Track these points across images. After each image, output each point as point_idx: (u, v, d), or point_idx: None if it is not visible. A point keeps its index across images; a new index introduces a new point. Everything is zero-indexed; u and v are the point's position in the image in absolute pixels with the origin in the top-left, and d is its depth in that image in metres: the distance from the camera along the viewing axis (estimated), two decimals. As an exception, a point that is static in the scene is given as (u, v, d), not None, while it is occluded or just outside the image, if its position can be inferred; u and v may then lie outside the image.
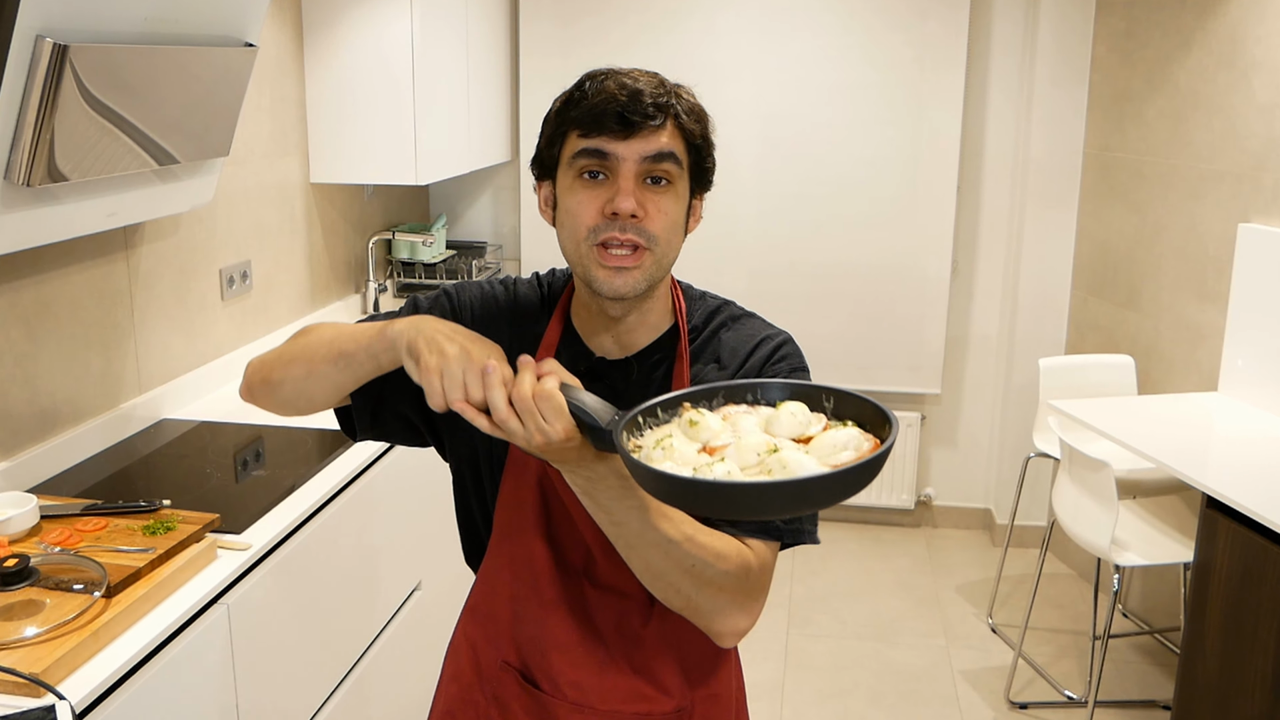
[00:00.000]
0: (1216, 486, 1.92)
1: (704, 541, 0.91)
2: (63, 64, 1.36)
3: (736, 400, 0.87)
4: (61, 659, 1.16)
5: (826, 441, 0.78)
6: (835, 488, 0.73)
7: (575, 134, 0.96)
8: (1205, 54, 2.65)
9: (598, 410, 0.81)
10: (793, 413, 0.82)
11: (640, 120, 0.94)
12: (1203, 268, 2.67)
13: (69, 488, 1.70)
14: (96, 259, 1.88)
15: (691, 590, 0.92)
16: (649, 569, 0.91)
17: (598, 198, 0.95)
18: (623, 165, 0.94)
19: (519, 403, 0.80)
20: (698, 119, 0.99)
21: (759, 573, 0.96)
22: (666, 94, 0.96)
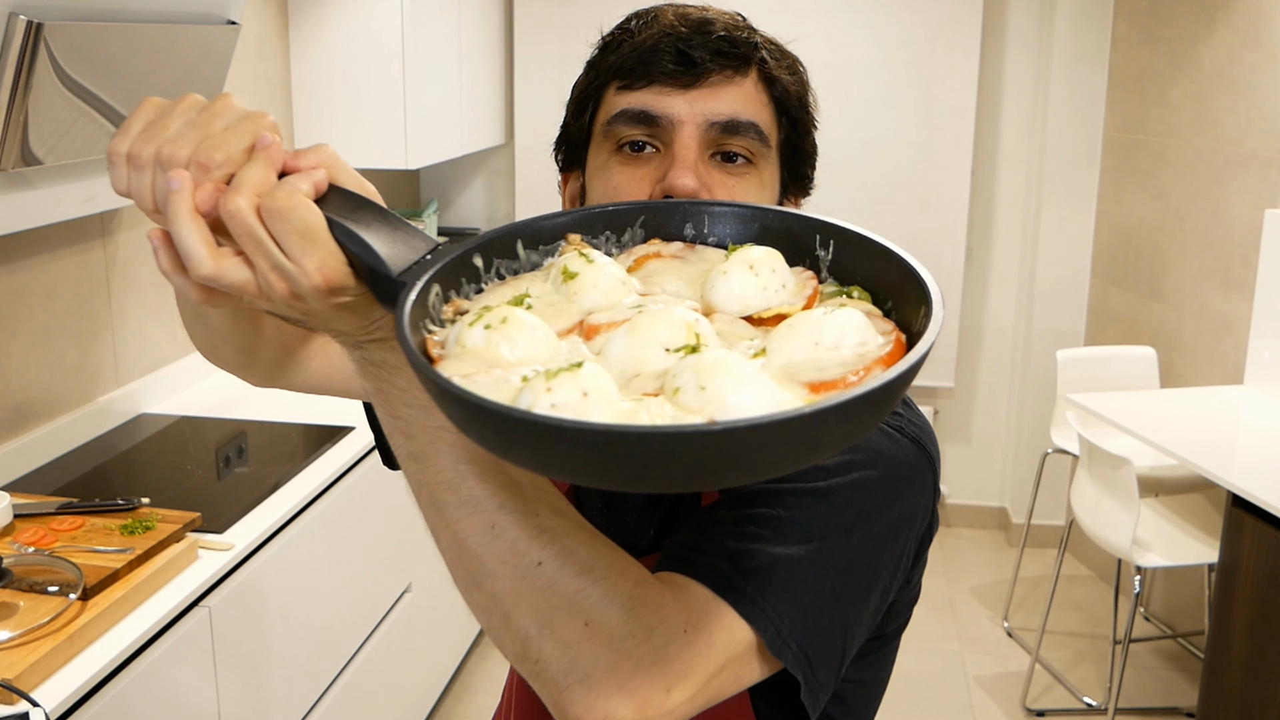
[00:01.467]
0: (1242, 484, 1.90)
1: (565, 528, 0.53)
2: (37, 42, 1.37)
3: (666, 234, 0.53)
4: (36, 664, 1.15)
5: (803, 331, 0.43)
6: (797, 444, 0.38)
7: (614, 87, 0.68)
8: (1230, 32, 2.58)
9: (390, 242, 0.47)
10: (752, 264, 0.47)
11: (708, 59, 0.65)
12: (1228, 255, 2.61)
13: (43, 485, 1.70)
14: (72, 246, 1.87)
15: (531, 622, 0.52)
16: (463, 560, 0.53)
17: (643, 178, 0.66)
18: (680, 130, 0.65)
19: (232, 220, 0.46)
20: (792, 71, 0.72)
21: (683, 639, 0.54)
22: (744, 29, 0.70)
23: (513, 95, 3.43)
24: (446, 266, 0.47)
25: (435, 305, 0.47)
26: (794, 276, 0.49)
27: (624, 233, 0.54)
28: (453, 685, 2.47)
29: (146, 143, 0.48)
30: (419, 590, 2.18)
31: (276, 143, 0.48)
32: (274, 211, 0.46)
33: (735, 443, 0.36)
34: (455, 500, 0.52)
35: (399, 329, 0.42)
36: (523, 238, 0.51)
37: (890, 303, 0.48)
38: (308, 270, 0.46)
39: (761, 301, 0.47)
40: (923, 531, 0.68)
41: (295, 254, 0.46)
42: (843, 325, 0.43)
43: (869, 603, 0.62)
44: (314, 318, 0.50)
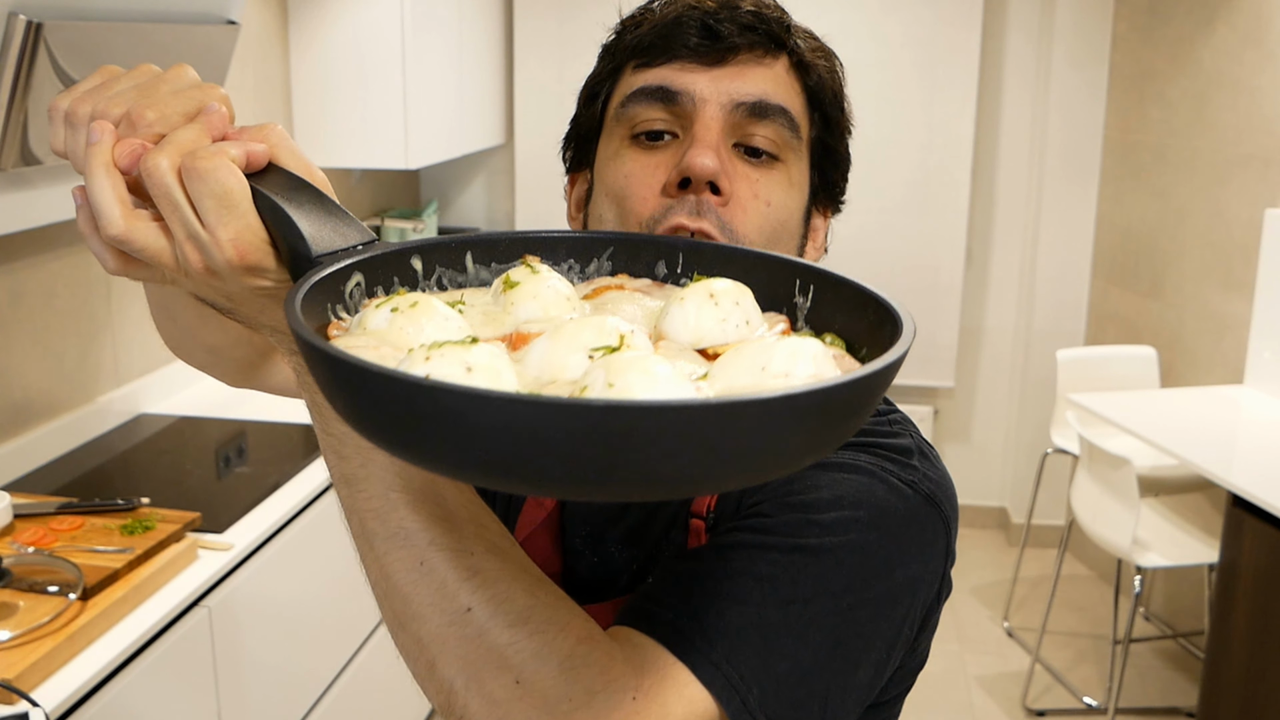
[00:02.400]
0: (1242, 484, 1.90)
1: (501, 573, 0.47)
2: (37, 42, 1.37)
3: (636, 269, 0.49)
4: (35, 664, 1.14)
5: (749, 358, 0.38)
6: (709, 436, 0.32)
7: (631, 67, 0.62)
8: (1230, 31, 2.58)
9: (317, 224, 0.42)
10: (713, 294, 0.42)
11: (735, 35, 0.59)
12: (1228, 255, 2.61)
13: (43, 485, 1.70)
14: (72, 246, 1.87)
15: (458, 672, 0.47)
16: (390, 597, 0.49)
17: (659, 166, 0.59)
18: (702, 110, 0.59)
19: (150, 177, 0.43)
20: (826, 58, 0.66)
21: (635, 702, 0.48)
22: (776, 8, 0.64)
23: (513, 95, 3.43)
24: (375, 259, 0.43)
25: (354, 295, 0.42)
26: (763, 320, 0.45)
27: (590, 263, 0.49)
28: (453, 685, 2.47)
29: (86, 101, 0.45)
30: (419, 590, 2.18)
31: (221, 112, 0.45)
32: (193, 171, 0.42)
33: (618, 424, 0.31)
34: (384, 531, 0.47)
35: (290, 294, 0.38)
36: (474, 250, 0.47)
37: (865, 349, 0.43)
38: (220, 240, 0.42)
39: (719, 335, 0.42)
40: (931, 598, 0.60)
41: (211, 221, 0.42)
42: (795, 352, 0.38)
43: (857, 675, 0.55)
44: (238, 304, 0.46)
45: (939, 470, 0.62)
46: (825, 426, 0.35)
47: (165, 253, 0.44)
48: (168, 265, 0.44)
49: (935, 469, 0.61)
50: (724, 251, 0.49)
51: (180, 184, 0.42)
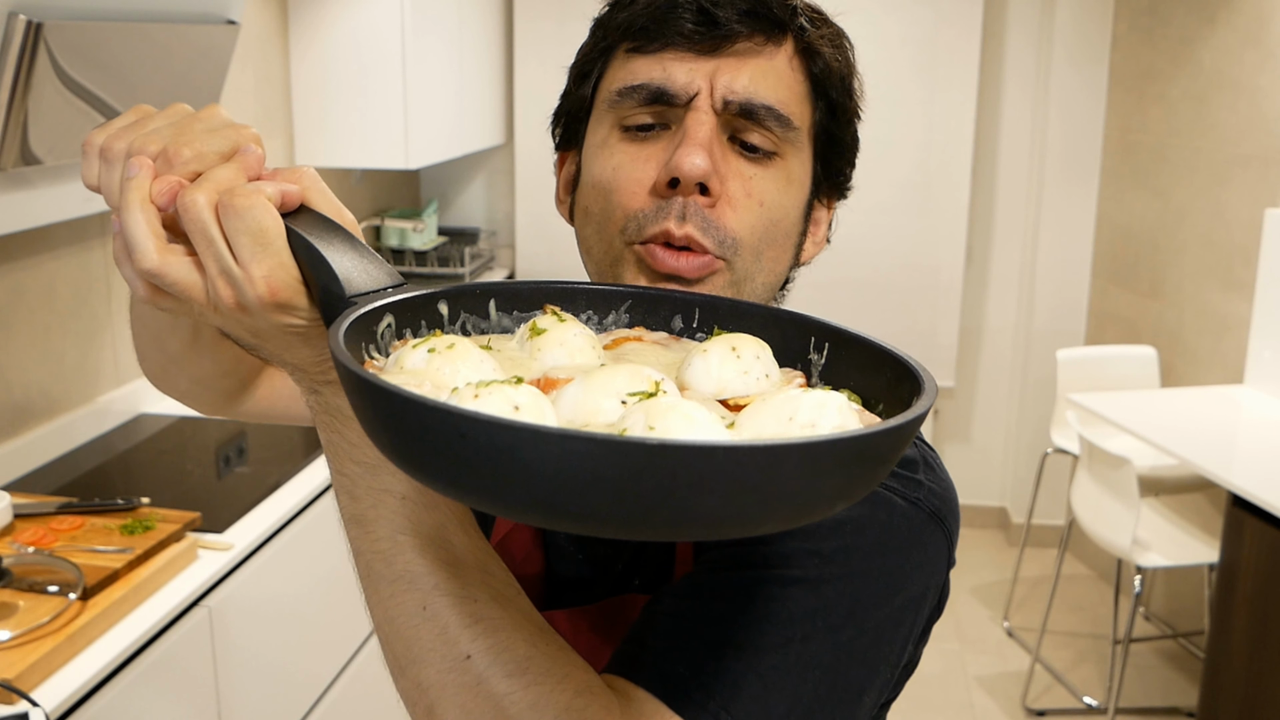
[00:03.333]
0: (1243, 484, 1.89)
1: (515, 626, 0.47)
2: (37, 42, 1.36)
3: (653, 323, 0.50)
4: (35, 664, 1.14)
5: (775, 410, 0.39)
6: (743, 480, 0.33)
7: (623, 49, 0.59)
8: (1230, 31, 2.58)
9: (350, 265, 0.44)
10: (734, 348, 0.43)
11: (734, 20, 0.55)
12: (1229, 255, 2.61)
13: (43, 485, 1.69)
14: (72, 246, 1.86)
15: (438, 696, 0.48)
16: (393, 640, 0.49)
17: (649, 159, 0.57)
18: (695, 103, 0.56)
19: (186, 213, 0.43)
20: (836, 45, 0.60)
21: None
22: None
23: (513, 95, 3.43)
24: (406, 302, 0.44)
25: (385, 336, 0.43)
26: (779, 372, 0.46)
27: (608, 314, 0.50)
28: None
29: (121, 137, 0.46)
30: (419, 590, 2.18)
31: (257, 153, 0.45)
32: (230, 208, 0.42)
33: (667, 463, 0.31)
34: (390, 573, 0.47)
35: (332, 331, 0.39)
36: (497, 298, 0.48)
37: (882, 405, 0.43)
38: (254, 277, 0.43)
39: (741, 387, 0.42)
40: (931, 609, 0.59)
41: (245, 257, 0.43)
42: (822, 404, 0.38)
43: (862, 702, 0.53)
44: (264, 341, 0.46)
45: (943, 480, 0.60)
46: (860, 473, 0.36)
47: (197, 287, 0.44)
48: (198, 300, 0.44)
49: (939, 480, 0.59)
50: (739, 307, 0.50)
51: (217, 221, 0.43)
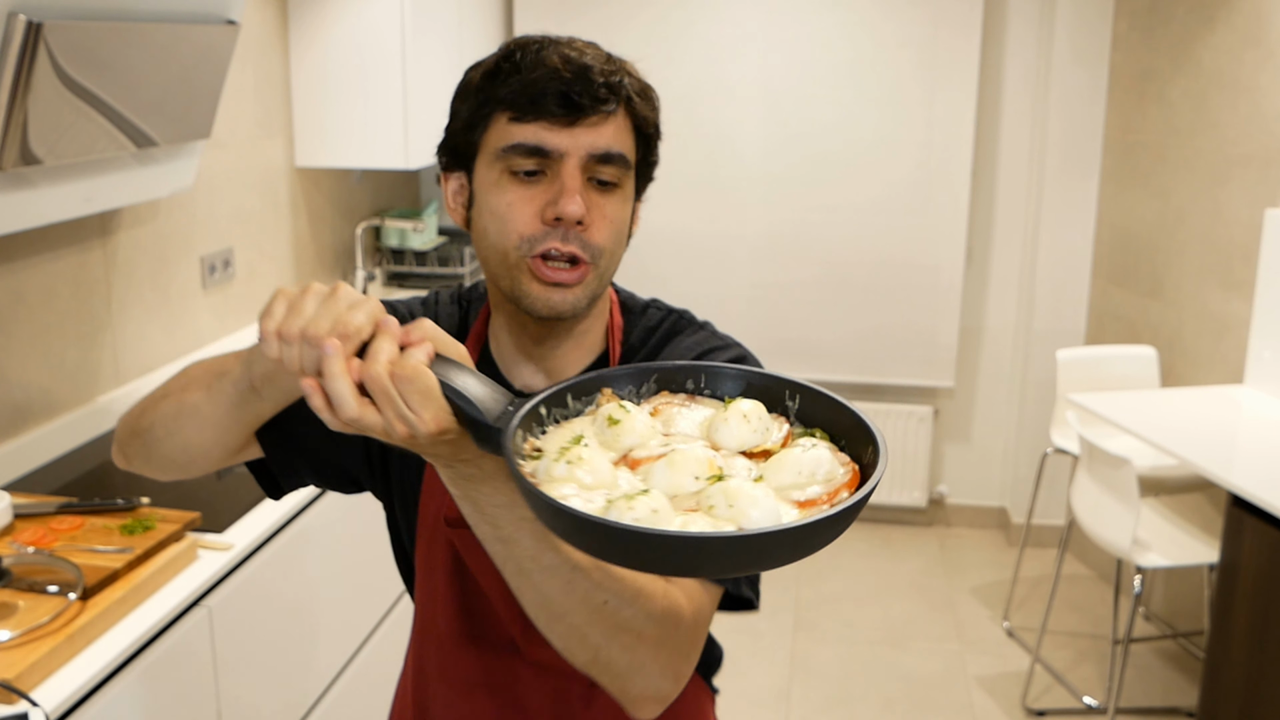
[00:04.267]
0: (1243, 484, 1.89)
1: (620, 573, 0.71)
2: (37, 42, 1.36)
3: (673, 387, 0.69)
4: (35, 664, 1.14)
5: (789, 465, 0.60)
6: (798, 544, 0.55)
7: (505, 117, 0.80)
8: (1230, 31, 2.58)
9: (483, 397, 0.62)
10: (745, 414, 0.63)
11: (589, 104, 0.79)
12: (1228, 255, 2.61)
13: (43, 485, 1.70)
14: (72, 246, 1.86)
15: (601, 639, 0.71)
16: (546, 606, 0.70)
17: (533, 199, 0.80)
18: (566, 161, 0.79)
19: (371, 383, 0.61)
20: (650, 104, 0.85)
21: (691, 625, 0.75)
22: (617, 70, 0.82)
23: (513, 95, 3.43)
24: (524, 415, 0.63)
25: (518, 445, 0.62)
26: (773, 422, 0.65)
27: (641, 386, 0.69)
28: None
29: (290, 322, 0.63)
30: (419, 590, 2.18)
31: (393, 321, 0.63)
32: (401, 377, 0.61)
33: (760, 543, 0.54)
34: (538, 568, 0.69)
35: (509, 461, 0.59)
36: (571, 392, 0.67)
37: (844, 440, 0.64)
38: (425, 419, 0.61)
39: (754, 440, 0.63)
40: None
41: (416, 407, 0.61)
42: (817, 459, 0.61)
43: None
44: (420, 450, 0.65)
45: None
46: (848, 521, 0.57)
47: (379, 427, 0.62)
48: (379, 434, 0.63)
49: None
50: (734, 372, 0.69)
51: (394, 385, 0.61)
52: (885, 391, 3.41)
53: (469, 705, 0.89)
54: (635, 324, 0.91)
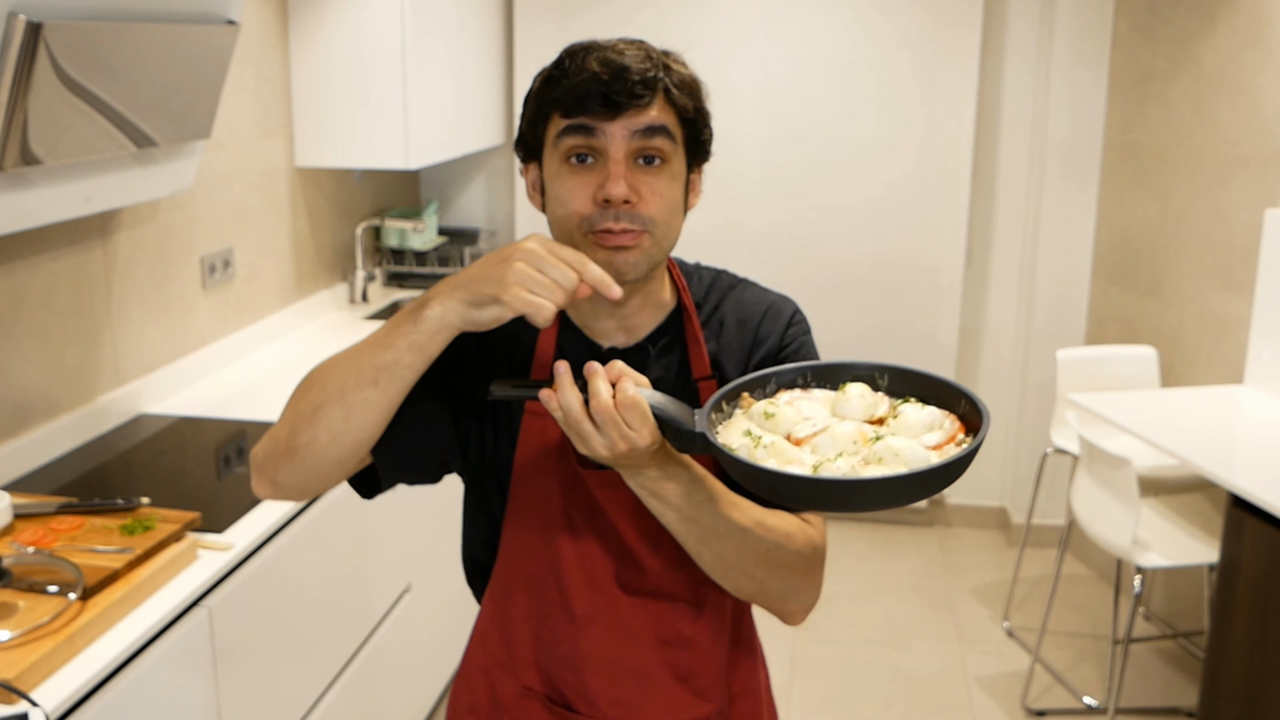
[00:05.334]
0: (1243, 484, 1.89)
1: (773, 524, 0.92)
2: (36, 42, 1.36)
3: (789, 384, 0.88)
4: (35, 664, 1.15)
5: (913, 423, 0.80)
6: (952, 473, 0.74)
7: (557, 115, 0.91)
8: (1230, 31, 2.58)
9: (676, 411, 0.82)
10: (861, 394, 0.83)
11: (625, 101, 0.89)
12: (1229, 255, 2.61)
13: (43, 485, 1.69)
14: (72, 246, 1.86)
15: (765, 575, 0.93)
16: (721, 561, 0.91)
17: (587, 184, 0.90)
18: (611, 144, 0.90)
19: (600, 414, 0.80)
20: (690, 91, 0.94)
21: (822, 549, 0.98)
22: (654, 67, 0.91)
23: (513, 95, 3.43)
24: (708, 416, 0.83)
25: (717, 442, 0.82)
26: (876, 397, 0.85)
27: (767, 386, 0.88)
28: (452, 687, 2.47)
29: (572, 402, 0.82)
30: (419, 590, 2.17)
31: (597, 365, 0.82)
32: (624, 405, 0.80)
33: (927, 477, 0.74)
34: (715, 535, 0.89)
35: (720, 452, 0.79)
36: (725, 399, 0.86)
37: (933, 401, 0.84)
38: (644, 434, 0.81)
39: (869, 412, 0.84)
40: None
41: (635, 426, 0.80)
42: (931, 415, 0.82)
43: None
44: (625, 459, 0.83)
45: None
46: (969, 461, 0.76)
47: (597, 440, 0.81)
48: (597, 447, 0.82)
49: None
50: (837, 366, 0.88)
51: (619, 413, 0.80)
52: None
53: (587, 635, 0.97)
54: (693, 282, 1.03)
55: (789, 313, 1.02)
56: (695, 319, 1.00)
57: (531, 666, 1.00)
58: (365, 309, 2.97)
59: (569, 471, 0.95)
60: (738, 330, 1.00)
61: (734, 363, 0.99)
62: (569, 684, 0.99)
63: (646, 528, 0.95)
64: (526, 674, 1.01)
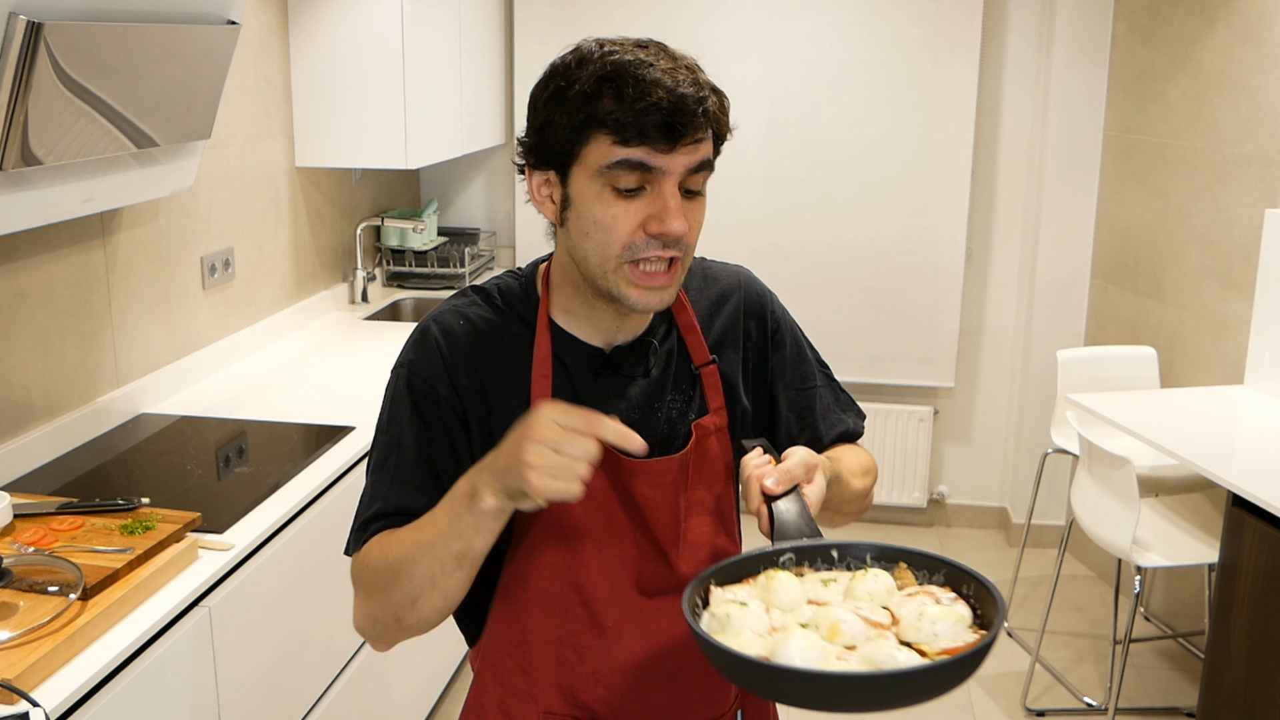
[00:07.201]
0: (1243, 484, 1.89)
1: (867, 466, 1.05)
2: (37, 42, 1.36)
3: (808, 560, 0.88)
4: (36, 664, 1.15)
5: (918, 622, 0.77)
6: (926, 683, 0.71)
7: (609, 139, 0.87)
8: (1230, 32, 2.58)
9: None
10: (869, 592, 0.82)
11: (689, 133, 0.87)
12: (1228, 255, 2.61)
13: (43, 485, 1.69)
14: (72, 246, 1.86)
15: (859, 508, 1.05)
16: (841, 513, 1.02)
17: (636, 212, 0.88)
18: (666, 181, 0.88)
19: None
20: (727, 113, 0.93)
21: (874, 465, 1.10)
22: (705, 93, 0.89)
23: (513, 95, 3.43)
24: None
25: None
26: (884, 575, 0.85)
27: (778, 559, 0.87)
28: (453, 685, 2.47)
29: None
30: (419, 590, 2.18)
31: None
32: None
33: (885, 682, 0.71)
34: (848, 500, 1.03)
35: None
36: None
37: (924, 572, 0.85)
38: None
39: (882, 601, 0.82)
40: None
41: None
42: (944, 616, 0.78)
43: None
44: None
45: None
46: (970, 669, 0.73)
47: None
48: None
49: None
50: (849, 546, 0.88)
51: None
52: (885, 391, 3.41)
53: (617, 645, 0.96)
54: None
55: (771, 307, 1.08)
56: (689, 308, 1.01)
57: (554, 691, 0.97)
58: (365, 309, 2.97)
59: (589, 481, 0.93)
60: (730, 314, 1.04)
61: (732, 346, 1.03)
62: (599, 699, 0.97)
63: (677, 522, 0.95)
64: (548, 699, 0.98)
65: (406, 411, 0.96)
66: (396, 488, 0.95)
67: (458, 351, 0.96)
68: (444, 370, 0.95)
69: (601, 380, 0.96)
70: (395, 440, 0.96)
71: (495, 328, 0.97)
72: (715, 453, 0.99)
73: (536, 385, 0.95)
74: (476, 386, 0.95)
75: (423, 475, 0.94)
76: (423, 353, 0.96)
